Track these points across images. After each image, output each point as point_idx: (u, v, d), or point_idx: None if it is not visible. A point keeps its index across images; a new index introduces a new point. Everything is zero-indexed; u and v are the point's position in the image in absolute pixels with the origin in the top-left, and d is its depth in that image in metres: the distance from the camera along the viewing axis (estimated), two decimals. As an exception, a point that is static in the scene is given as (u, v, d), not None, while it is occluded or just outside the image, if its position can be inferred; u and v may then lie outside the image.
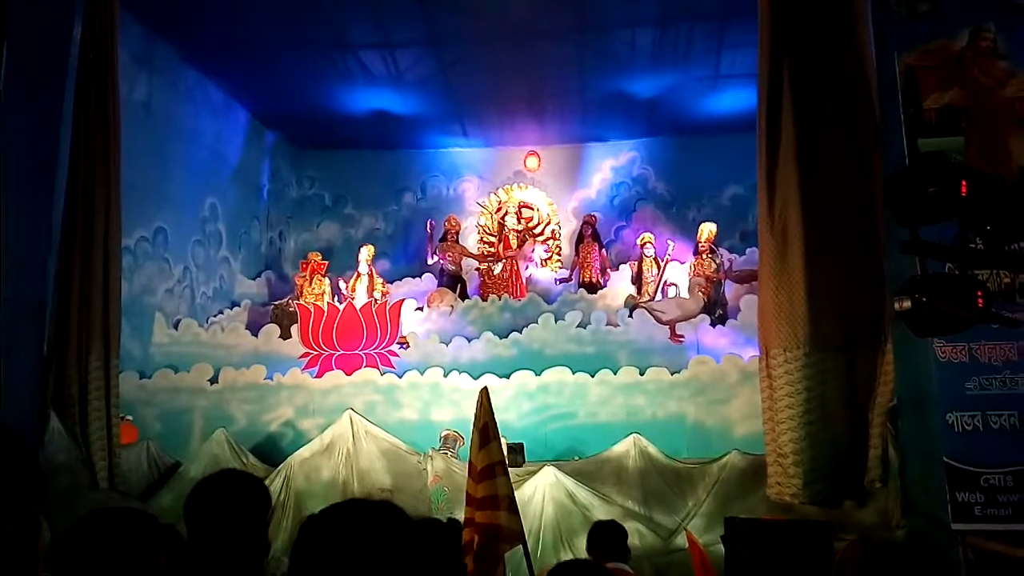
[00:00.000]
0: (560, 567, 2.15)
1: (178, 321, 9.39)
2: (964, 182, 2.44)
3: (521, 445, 6.81)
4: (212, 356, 8.82)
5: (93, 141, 6.54)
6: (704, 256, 9.89)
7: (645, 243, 10.40)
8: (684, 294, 9.54)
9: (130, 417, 7.42)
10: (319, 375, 8.38)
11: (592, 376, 7.75)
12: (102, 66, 6.65)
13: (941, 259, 2.98)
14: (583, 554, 3.54)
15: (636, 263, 10.45)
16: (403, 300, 9.63)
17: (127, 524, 1.35)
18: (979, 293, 2.52)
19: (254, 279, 11.47)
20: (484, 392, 3.48)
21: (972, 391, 4.49)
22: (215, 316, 10.17)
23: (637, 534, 5.79)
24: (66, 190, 6.46)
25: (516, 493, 5.62)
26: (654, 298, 9.71)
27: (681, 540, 5.65)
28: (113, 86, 6.73)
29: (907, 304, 2.59)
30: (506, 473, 3.19)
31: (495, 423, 3.33)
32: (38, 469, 1.07)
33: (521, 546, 3.04)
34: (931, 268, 3.31)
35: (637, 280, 10.30)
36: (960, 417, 4.47)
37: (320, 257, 10.71)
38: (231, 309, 10.50)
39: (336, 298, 10.04)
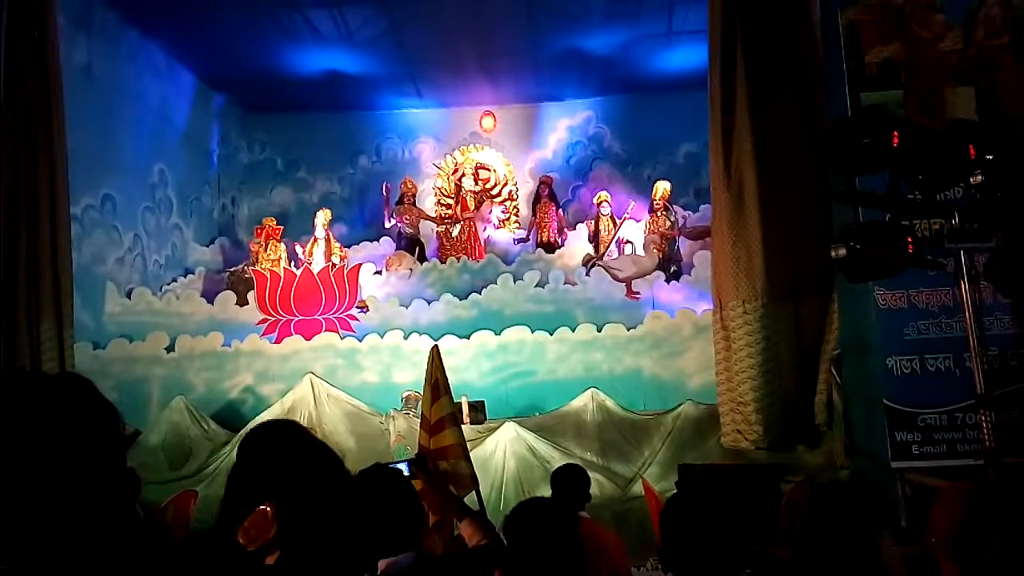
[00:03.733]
0: (521, 507, 2.23)
1: (131, 290, 9.21)
2: (896, 133, 2.54)
3: (482, 403, 6.91)
4: (167, 324, 8.70)
5: (34, 107, 6.34)
6: (659, 214, 10.01)
7: (601, 202, 10.47)
8: (639, 252, 9.68)
9: (85, 388, 7.32)
10: (278, 341, 8.34)
11: (551, 334, 7.86)
12: (40, 30, 6.42)
13: (874, 208, 3.10)
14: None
15: (593, 222, 10.54)
16: (361, 264, 9.59)
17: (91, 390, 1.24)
18: (908, 239, 2.64)
19: (207, 246, 11.27)
20: (435, 349, 3.60)
21: (910, 336, 4.70)
22: (168, 284, 10.00)
23: (596, 484, 5.94)
24: (7, 157, 6.26)
25: (478, 449, 5.76)
26: (607, 255, 9.83)
27: (638, 488, 5.83)
28: (52, 50, 6.50)
29: (842, 251, 2.71)
30: (456, 424, 3.33)
31: (446, 378, 3.45)
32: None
33: (475, 492, 3.16)
34: (870, 218, 3.45)
35: (594, 239, 10.39)
36: (899, 361, 4.69)
37: (275, 222, 10.57)
38: (185, 277, 10.33)
39: (293, 263, 9.95)
